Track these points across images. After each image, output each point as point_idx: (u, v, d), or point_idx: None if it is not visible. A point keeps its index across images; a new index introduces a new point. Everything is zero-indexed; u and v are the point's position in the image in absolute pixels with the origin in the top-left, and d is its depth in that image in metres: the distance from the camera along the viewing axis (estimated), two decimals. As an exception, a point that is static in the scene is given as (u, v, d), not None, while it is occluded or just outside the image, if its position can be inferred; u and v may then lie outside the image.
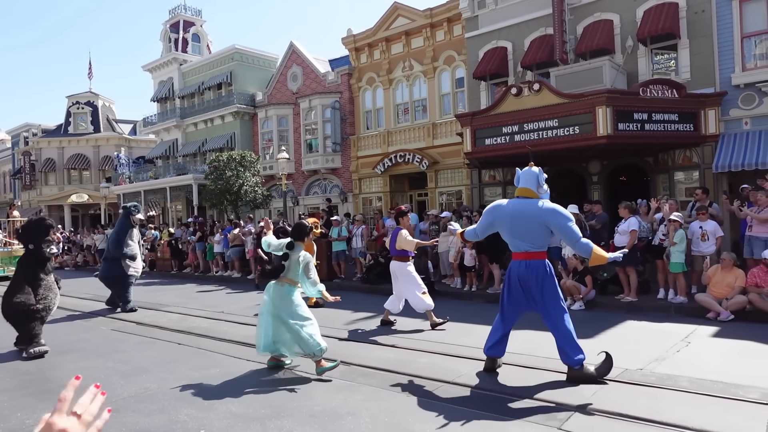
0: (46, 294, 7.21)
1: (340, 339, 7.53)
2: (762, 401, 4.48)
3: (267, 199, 22.44)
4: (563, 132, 12.03)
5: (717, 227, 9.12)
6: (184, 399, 5.09)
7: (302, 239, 6.17)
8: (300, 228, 6.27)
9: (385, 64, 20.21)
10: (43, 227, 7.47)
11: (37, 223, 7.59)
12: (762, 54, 12.26)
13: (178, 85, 28.71)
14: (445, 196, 18.84)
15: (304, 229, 6.26)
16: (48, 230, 7.51)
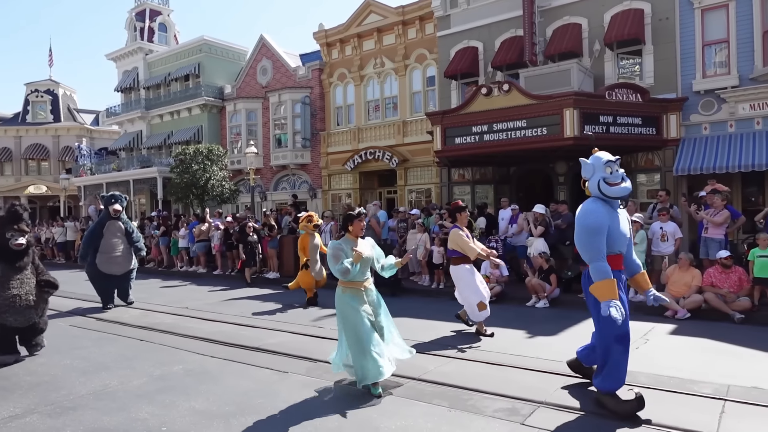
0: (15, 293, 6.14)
1: (307, 335, 7.47)
2: (715, 396, 4.65)
3: (234, 193, 22.12)
4: (531, 133, 12.22)
5: (676, 228, 9.42)
6: (145, 396, 4.97)
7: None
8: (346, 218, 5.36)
9: (356, 61, 20.15)
10: (10, 215, 6.45)
11: (8, 210, 6.57)
12: (721, 62, 12.71)
13: (144, 75, 28.00)
14: (415, 194, 18.93)
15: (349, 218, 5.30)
16: (16, 217, 6.42)
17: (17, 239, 6.27)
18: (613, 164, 4.58)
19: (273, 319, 8.75)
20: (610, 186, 4.51)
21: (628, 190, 4.56)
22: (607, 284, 4.31)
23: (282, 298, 11.08)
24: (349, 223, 5.24)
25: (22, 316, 6.22)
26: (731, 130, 12.41)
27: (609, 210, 4.54)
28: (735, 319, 7.65)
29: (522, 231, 11.33)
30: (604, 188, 4.51)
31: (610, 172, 4.53)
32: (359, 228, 5.23)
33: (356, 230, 5.22)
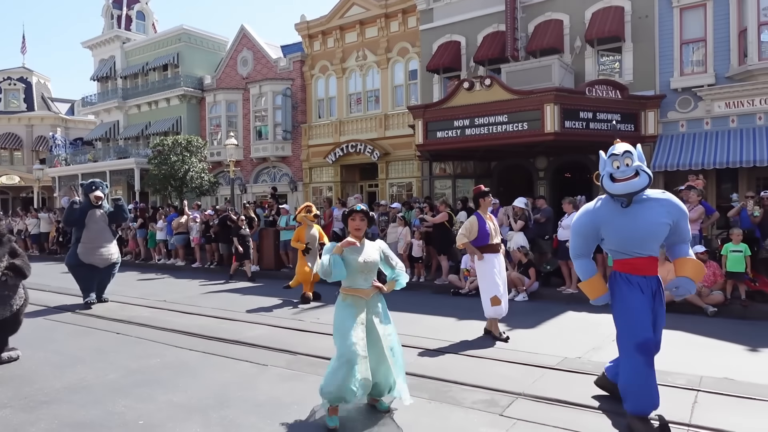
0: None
1: (287, 328, 7.43)
2: (688, 387, 4.75)
3: (214, 186, 21.87)
4: (512, 128, 12.30)
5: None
6: (122, 390, 4.89)
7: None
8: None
9: (338, 53, 20.02)
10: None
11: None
12: (698, 60, 12.94)
13: (121, 64, 27.44)
14: (396, 188, 18.93)
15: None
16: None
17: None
18: (619, 158, 4.03)
19: (253, 312, 8.69)
20: (614, 182, 3.99)
21: (634, 186, 3.89)
22: (590, 283, 4.21)
23: (262, 291, 11.01)
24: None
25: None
26: (707, 127, 12.65)
27: (615, 208, 4.04)
28: (708, 312, 7.82)
29: (502, 225, 11.40)
30: (606, 184, 4.05)
31: (617, 166, 4.02)
32: (354, 227, 4.27)
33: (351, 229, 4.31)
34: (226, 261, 14.74)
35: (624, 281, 4.07)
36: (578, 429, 3.92)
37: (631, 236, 3.99)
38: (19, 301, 5.96)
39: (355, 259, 4.19)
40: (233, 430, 4.02)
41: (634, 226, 3.97)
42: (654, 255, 4.08)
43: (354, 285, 4.22)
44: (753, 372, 5.23)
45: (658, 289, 4.10)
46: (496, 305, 6.52)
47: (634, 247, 4.02)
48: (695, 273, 4.05)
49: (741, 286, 8.11)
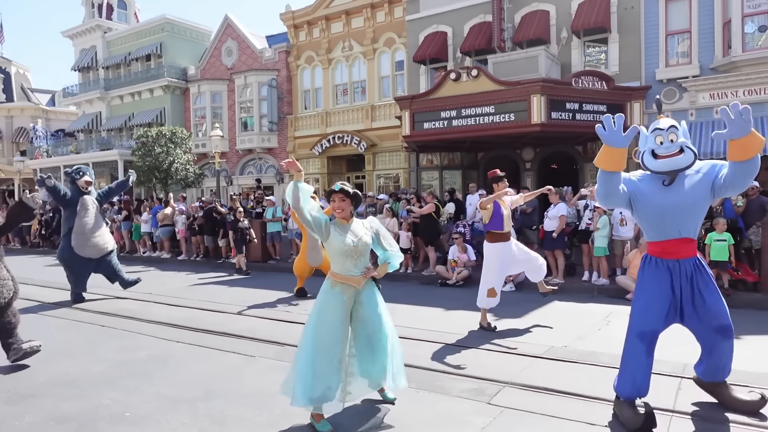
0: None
1: (275, 320, 7.41)
2: (672, 374, 4.82)
3: (199, 177, 21.67)
4: (499, 119, 12.33)
5: (637, 213, 9.66)
6: (108, 382, 4.84)
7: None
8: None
9: (324, 43, 19.87)
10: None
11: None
12: (683, 52, 13.04)
13: (102, 54, 26.97)
14: (383, 179, 18.91)
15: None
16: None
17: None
18: (664, 132, 3.79)
19: (240, 303, 8.63)
20: (657, 159, 3.76)
21: (678, 163, 3.69)
22: (610, 152, 3.66)
23: (249, 283, 10.95)
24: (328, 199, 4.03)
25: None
26: (692, 118, 12.78)
27: (655, 184, 3.83)
28: (691, 301, 7.92)
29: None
30: (646, 160, 3.82)
31: (660, 142, 3.79)
32: (335, 208, 3.92)
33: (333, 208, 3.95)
34: (212, 253, 14.65)
35: (653, 266, 3.91)
36: (565, 416, 3.96)
37: (671, 215, 3.79)
38: (7, 294, 5.39)
39: (342, 240, 3.81)
40: (221, 421, 4.00)
41: (674, 204, 3.76)
42: (691, 237, 3.86)
43: (343, 271, 3.87)
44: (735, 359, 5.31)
45: (695, 272, 3.85)
46: (491, 297, 6.46)
47: (671, 227, 3.82)
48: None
49: (724, 275, 8.24)
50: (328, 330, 3.80)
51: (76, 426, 3.95)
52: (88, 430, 3.90)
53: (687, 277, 3.83)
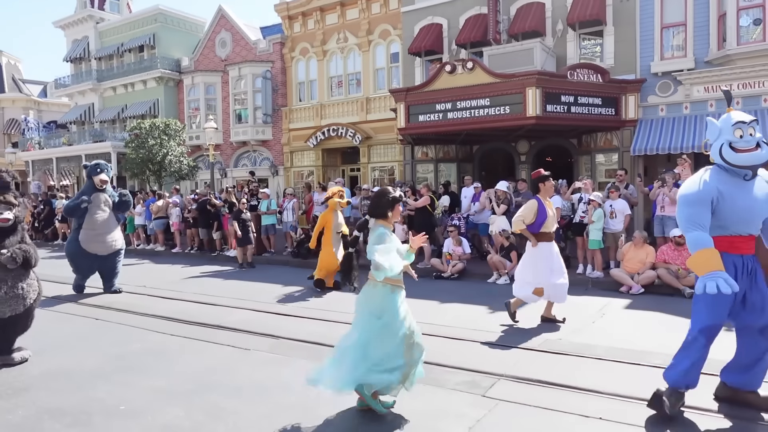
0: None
1: (270, 312, 7.40)
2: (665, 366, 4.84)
3: (193, 170, 21.56)
4: (494, 111, 12.30)
5: (625, 206, 9.67)
6: (102, 376, 4.83)
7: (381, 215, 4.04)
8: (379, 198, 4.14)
9: (319, 35, 19.74)
10: None
11: None
12: (678, 45, 13.03)
13: (95, 45, 26.70)
14: (378, 172, 18.87)
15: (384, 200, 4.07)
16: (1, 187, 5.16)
17: (2, 213, 4.96)
18: (745, 126, 3.71)
19: (235, 296, 8.62)
20: (737, 152, 3.64)
21: (760, 158, 3.61)
22: (704, 254, 3.54)
23: (244, 276, 10.94)
24: (389, 208, 3.99)
25: (7, 306, 5.06)
26: (686, 111, 12.79)
27: (731, 181, 3.71)
28: (686, 294, 7.97)
29: (484, 209, 11.46)
30: (726, 154, 3.67)
31: (740, 135, 3.69)
32: (399, 214, 4.11)
33: (396, 216, 4.07)
34: (206, 246, 14.60)
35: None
36: (559, 409, 3.98)
37: (747, 212, 3.71)
38: (33, 294, 5.27)
39: (398, 246, 3.99)
40: (216, 414, 3.99)
41: (752, 201, 3.69)
42: (754, 234, 3.83)
43: (396, 276, 3.92)
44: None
45: (754, 267, 3.83)
46: (537, 294, 6.38)
47: (743, 224, 3.74)
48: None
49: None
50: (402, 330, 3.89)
51: (71, 420, 3.94)
52: (83, 423, 3.90)
53: (748, 272, 3.80)
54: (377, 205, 4.04)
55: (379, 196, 4.11)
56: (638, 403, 4.03)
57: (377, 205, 4.04)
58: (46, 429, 3.81)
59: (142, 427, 3.81)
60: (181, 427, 3.80)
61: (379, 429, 3.74)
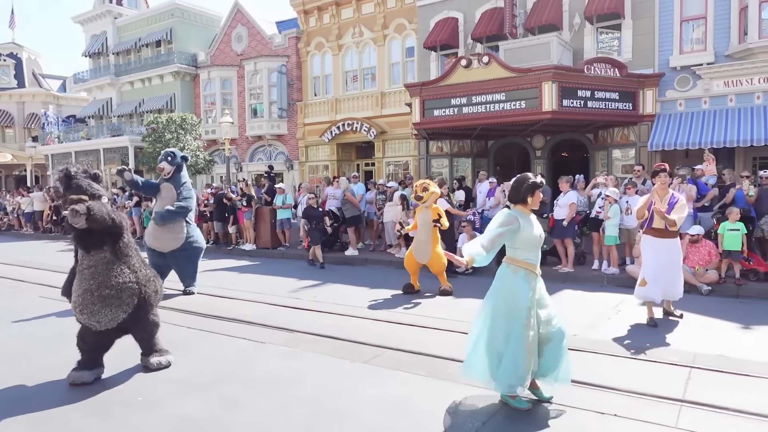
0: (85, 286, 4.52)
1: (285, 306, 7.46)
2: (681, 363, 4.81)
3: (209, 164, 21.75)
4: (510, 106, 12.22)
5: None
6: (121, 366, 4.91)
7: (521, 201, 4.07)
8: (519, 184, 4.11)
9: (334, 29, 19.74)
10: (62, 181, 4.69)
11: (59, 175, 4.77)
12: (698, 38, 12.81)
13: (113, 40, 26.99)
14: (392, 166, 18.86)
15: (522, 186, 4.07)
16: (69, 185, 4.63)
17: (74, 216, 4.26)
18: None
19: (250, 290, 8.70)
20: None
21: None
22: None
23: (260, 270, 11.02)
24: (529, 193, 4.01)
25: (102, 315, 4.46)
26: (705, 106, 12.59)
27: None
28: (702, 291, 7.88)
29: (499, 204, 11.39)
30: None
31: None
32: (539, 200, 4.11)
33: (536, 203, 4.09)
34: (222, 239, 14.73)
35: None
36: (575, 405, 3.97)
37: None
38: (131, 299, 4.61)
39: (531, 231, 4.00)
40: (232, 406, 4.05)
41: None
42: None
43: (529, 259, 4.01)
44: (745, 349, 5.30)
45: None
46: (642, 286, 6.32)
47: None
48: None
49: (736, 265, 8.16)
50: (523, 314, 3.90)
51: (89, 411, 4.02)
52: (102, 413, 3.98)
53: None
54: (517, 191, 4.07)
55: (519, 182, 4.10)
56: (654, 400, 4.01)
57: (517, 191, 4.07)
58: (68, 419, 3.89)
59: (160, 417, 3.88)
60: (198, 418, 3.87)
61: (392, 422, 3.76)
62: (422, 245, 8.18)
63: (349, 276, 10.01)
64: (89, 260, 4.51)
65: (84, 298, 4.42)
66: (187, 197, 8.24)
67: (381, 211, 12.61)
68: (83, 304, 4.42)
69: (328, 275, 10.19)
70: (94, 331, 4.53)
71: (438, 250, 8.16)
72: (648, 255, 6.36)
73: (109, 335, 4.66)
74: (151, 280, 4.85)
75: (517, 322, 3.89)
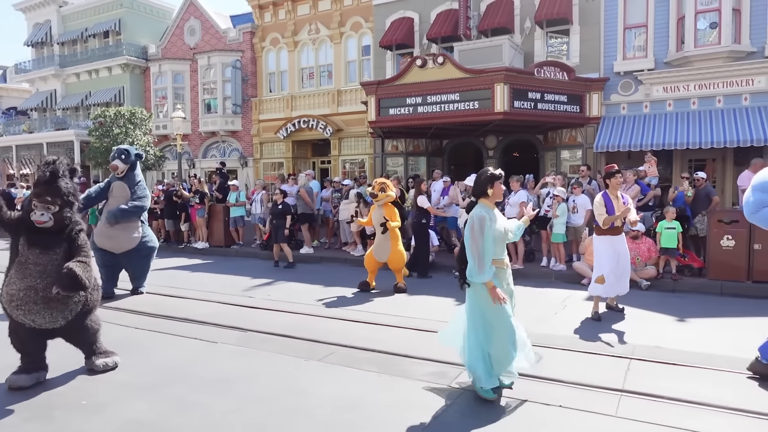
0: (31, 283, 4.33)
1: (238, 305, 7.38)
2: (621, 355, 5.06)
3: (160, 160, 21.16)
4: (464, 106, 12.46)
5: (587, 201, 9.93)
6: (63, 369, 4.75)
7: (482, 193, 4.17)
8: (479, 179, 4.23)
9: (290, 25, 19.55)
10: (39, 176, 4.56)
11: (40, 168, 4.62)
12: (640, 45, 13.41)
13: (57, 29, 25.80)
14: (349, 164, 18.86)
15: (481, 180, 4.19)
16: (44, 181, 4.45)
17: (38, 213, 4.25)
18: None
19: (202, 289, 8.56)
20: None
21: None
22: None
23: (212, 268, 10.84)
24: (488, 185, 4.10)
25: (40, 316, 4.31)
26: (646, 110, 13.20)
27: None
28: (642, 286, 8.28)
29: (453, 202, 11.61)
30: None
31: None
32: (501, 192, 4.17)
33: (498, 195, 4.15)
34: (173, 237, 14.39)
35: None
36: (523, 397, 4.13)
37: None
38: (75, 306, 4.48)
39: (495, 227, 4.07)
40: (182, 407, 4.00)
41: None
42: None
43: (496, 255, 4.07)
44: (681, 340, 5.62)
45: None
46: (599, 283, 6.47)
47: None
48: None
49: (672, 261, 8.62)
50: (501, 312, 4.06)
51: (30, 414, 3.89)
52: (42, 417, 3.85)
53: None
54: (477, 184, 4.18)
55: (479, 175, 4.21)
56: (596, 390, 4.21)
57: (477, 184, 4.18)
58: (4, 424, 3.75)
59: (104, 421, 3.79)
60: (146, 421, 3.79)
61: (346, 419, 3.81)
62: (382, 245, 8.30)
63: (303, 274, 9.99)
64: (39, 258, 4.32)
65: (26, 294, 4.23)
66: (142, 196, 8.05)
67: (337, 209, 12.62)
68: (23, 300, 4.24)
69: (283, 273, 10.13)
70: (27, 328, 4.36)
71: (398, 248, 8.30)
72: (606, 253, 6.48)
73: (45, 334, 4.51)
74: (96, 287, 4.73)
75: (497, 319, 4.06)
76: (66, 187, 4.44)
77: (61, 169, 4.45)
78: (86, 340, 4.71)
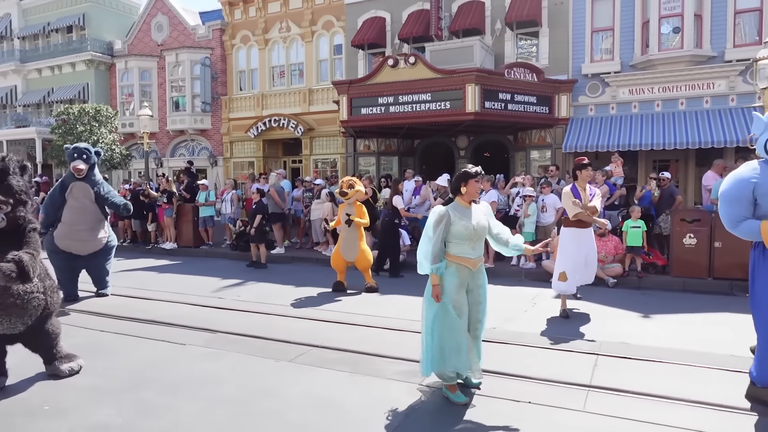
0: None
1: (206, 306, 7.26)
2: (589, 351, 5.16)
3: (126, 158, 20.67)
4: (435, 106, 12.53)
5: (556, 200, 10.11)
6: (24, 374, 4.59)
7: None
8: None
9: (261, 23, 19.34)
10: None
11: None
12: (607, 48, 13.72)
13: (18, 23, 24.95)
14: (320, 164, 18.77)
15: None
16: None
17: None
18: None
19: (170, 290, 8.39)
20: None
21: None
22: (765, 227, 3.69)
23: (180, 269, 10.65)
24: (461, 183, 4.08)
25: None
26: (613, 112, 13.51)
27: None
28: (609, 284, 8.47)
29: (425, 202, 11.67)
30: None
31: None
32: (476, 190, 4.10)
33: (471, 193, 4.08)
34: (140, 238, 14.08)
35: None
36: (492, 395, 4.17)
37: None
38: (35, 311, 4.29)
39: (465, 225, 4.01)
40: (149, 411, 3.91)
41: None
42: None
43: (461, 253, 4.05)
44: (645, 336, 5.76)
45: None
46: (562, 281, 6.46)
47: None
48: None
49: (638, 259, 8.85)
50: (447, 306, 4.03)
51: (-10, 421, 3.75)
52: (4, 425, 3.71)
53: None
54: (453, 181, 4.21)
55: (456, 174, 4.23)
56: (564, 386, 4.28)
57: (453, 181, 4.21)
58: (-38, 431, 3.61)
59: (68, 426, 3.67)
60: (111, 425, 3.70)
61: (318, 420, 3.79)
62: (349, 243, 8.23)
63: (274, 274, 9.89)
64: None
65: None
66: (114, 193, 7.97)
67: (308, 209, 12.54)
68: None
69: (253, 274, 10.02)
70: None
71: (364, 247, 8.26)
72: (569, 247, 6.49)
73: (4, 340, 4.34)
74: (55, 290, 4.57)
75: (441, 312, 4.04)
76: (18, 185, 4.24)
77: (11, 166, 4.23)
78: (47, 345, 4.54)
